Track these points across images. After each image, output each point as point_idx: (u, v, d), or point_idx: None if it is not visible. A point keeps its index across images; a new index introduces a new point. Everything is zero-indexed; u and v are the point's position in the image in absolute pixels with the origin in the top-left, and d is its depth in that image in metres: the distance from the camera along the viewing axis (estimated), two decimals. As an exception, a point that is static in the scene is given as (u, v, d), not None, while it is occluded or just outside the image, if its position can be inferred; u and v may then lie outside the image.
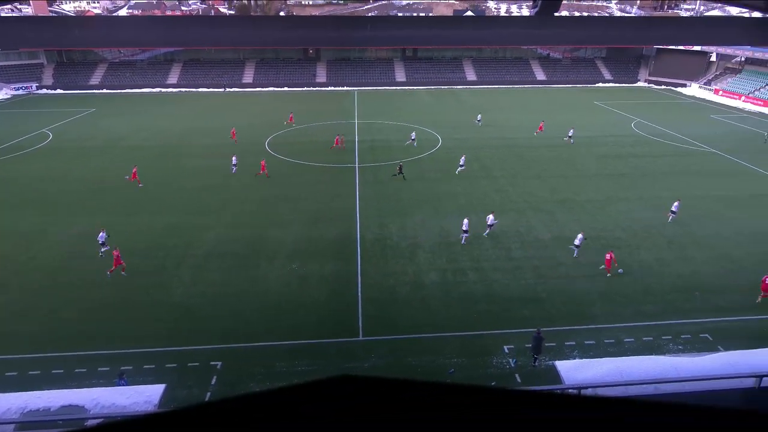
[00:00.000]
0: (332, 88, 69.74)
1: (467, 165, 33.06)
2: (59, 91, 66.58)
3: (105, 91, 67.06)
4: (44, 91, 66.44)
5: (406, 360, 16.05)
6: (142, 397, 12.30)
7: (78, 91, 66.15)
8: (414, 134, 40.23)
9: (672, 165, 35.22)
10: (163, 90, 68.26)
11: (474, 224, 24.12)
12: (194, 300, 19.10)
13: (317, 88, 69.75)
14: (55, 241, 23.73)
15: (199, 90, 68.23)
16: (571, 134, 40.75)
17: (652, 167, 34.75)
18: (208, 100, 61.75)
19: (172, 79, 70.54)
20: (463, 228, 23.35)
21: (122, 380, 13.95)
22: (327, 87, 70.14)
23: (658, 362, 12.29)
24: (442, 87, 70.03)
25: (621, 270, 20.79)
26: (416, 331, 17.30)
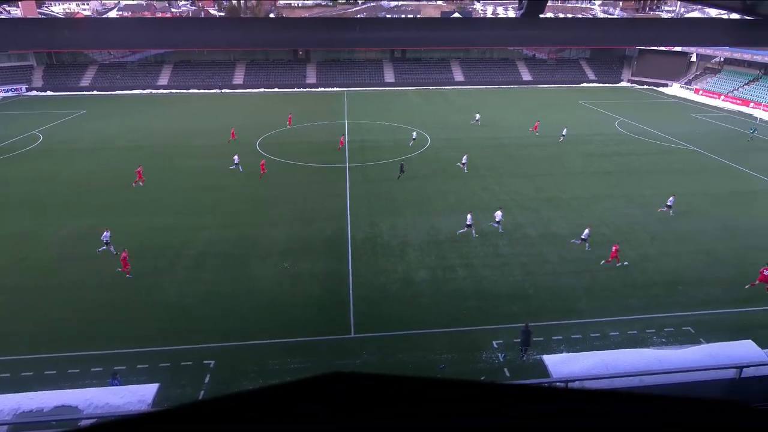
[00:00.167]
0: (322, 88, 69.89)
1: (467, 163, 33.69)
2: (49, 92, 66.11)
3: (95, 92, 66.68)
4: (34, 93, 65.91)
5: (397, 356, 16.21)
6: (136, 396, 12.30)
7: (68, 93, 65.66)
8: (415, 134, 41.29)
9: (655, 163, 35.89)
10: (153, 91, 68.00)
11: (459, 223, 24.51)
12: (187, 299, 19.18)
13: (307, 89, 69.87)
14: (47, 242, 23.68)
15: (190, 91, 68.04)
16: (565, 133, 41.53)
17: (636, 165, 35.38)
18: (200, 101, 61.56)
19: (163, 81, 70.23)
20: (467, 222, 23.87)
21: (115, 380, 13.89)
22: (317, 88, 70.27)
23: (643, 355, 12.59)
24: (430, 88, 70.47)
25: (626, 263, 21.44)
26: (407, 327, 17.51)
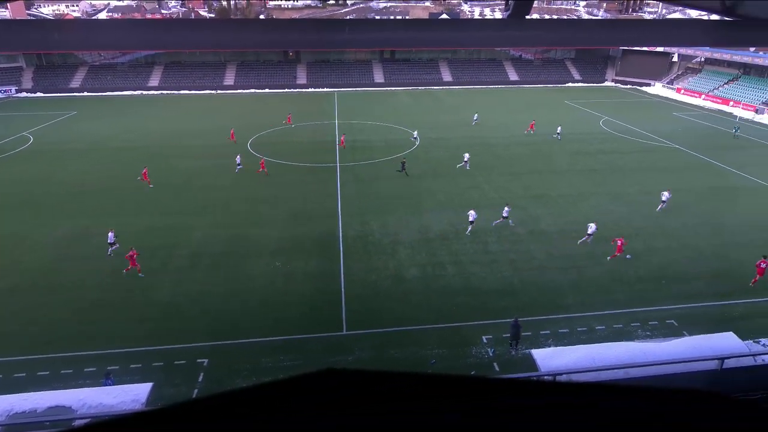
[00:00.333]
0: (313, 89, 70.05)
1: (467, 161, 34.18)
2: (39, 94, 65.60)
3: (86, 94, 66.29)
4: (24, 94, 65.38)
5: (389, 352, 16.42)
6: (130, 396, 12.40)
7: (58, 95, 65.23)
8: (416, 133, 41.87)
9: (639, 161, 36.49)
10: (144, 92, 67.75)
11: (454, 220, 24.82)
12: (180, 299, 19.28)
13: (298, 90, 70.00)
14: (40, 243, 23.67)
15: (181, 92, 67.85)
16: (560, 131, 42.23)
17: (620, 163, 35.98)
18: (190, 102, 61.46)
19: (154, 82, 69.94)
20: (470, 219, 24.18)
21: (109, 380, 13.89)
22: (308, 88, 70.42)
23: (628, 348, 12.95)
24: (419, 88, 70.93)
25: (629, 256, 21.89)
26: (398, 324, 17.74)
